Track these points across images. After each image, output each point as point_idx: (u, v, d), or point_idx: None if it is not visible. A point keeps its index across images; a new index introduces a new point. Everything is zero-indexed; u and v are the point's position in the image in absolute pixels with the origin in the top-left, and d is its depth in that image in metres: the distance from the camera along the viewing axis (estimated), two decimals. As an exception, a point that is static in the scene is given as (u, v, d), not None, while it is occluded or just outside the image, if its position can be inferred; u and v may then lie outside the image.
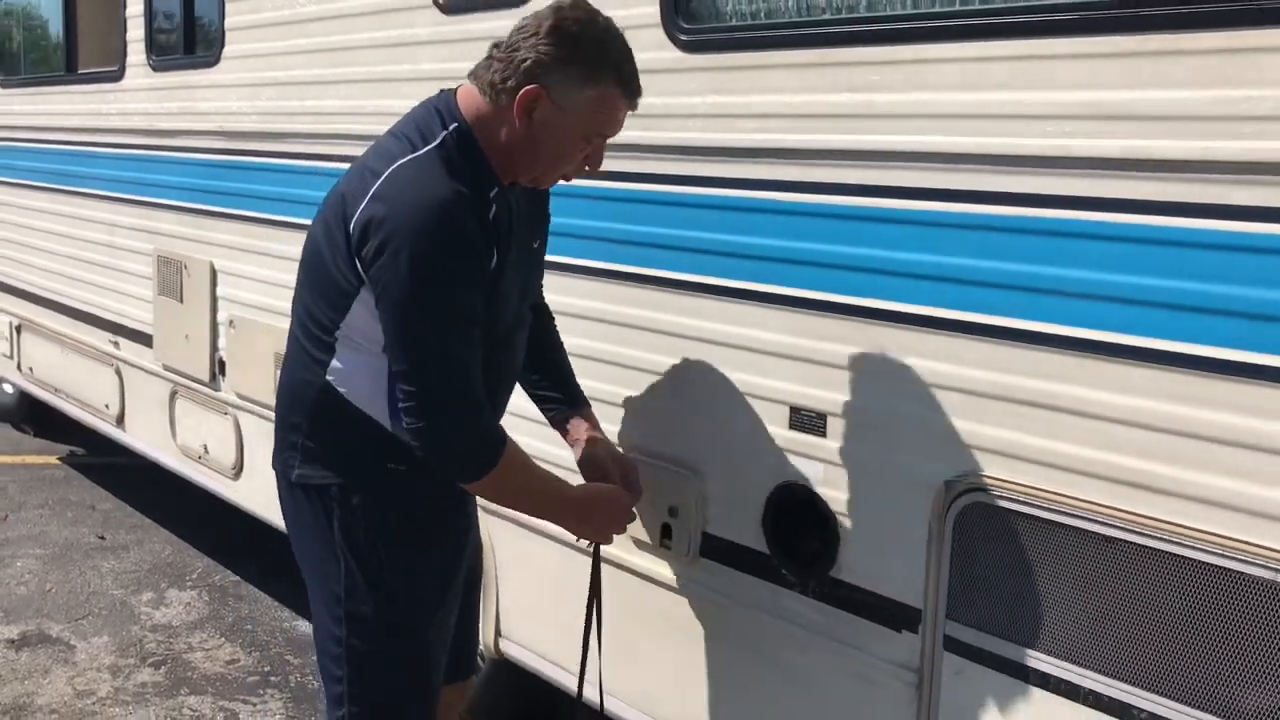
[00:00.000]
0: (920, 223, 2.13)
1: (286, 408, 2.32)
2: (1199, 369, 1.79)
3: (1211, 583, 1.80)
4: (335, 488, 2.24)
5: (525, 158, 2.14)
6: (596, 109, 2.10)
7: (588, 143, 2.15)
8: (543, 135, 2.10)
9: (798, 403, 2.36)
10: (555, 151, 2.14)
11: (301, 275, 2.28)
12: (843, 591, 2.33)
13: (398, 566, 2.27)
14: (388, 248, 2.00)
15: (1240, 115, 1.71)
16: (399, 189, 2.03)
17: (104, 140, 5.10)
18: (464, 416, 2.11)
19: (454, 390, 2.08)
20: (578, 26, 2.07)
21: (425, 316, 2.03)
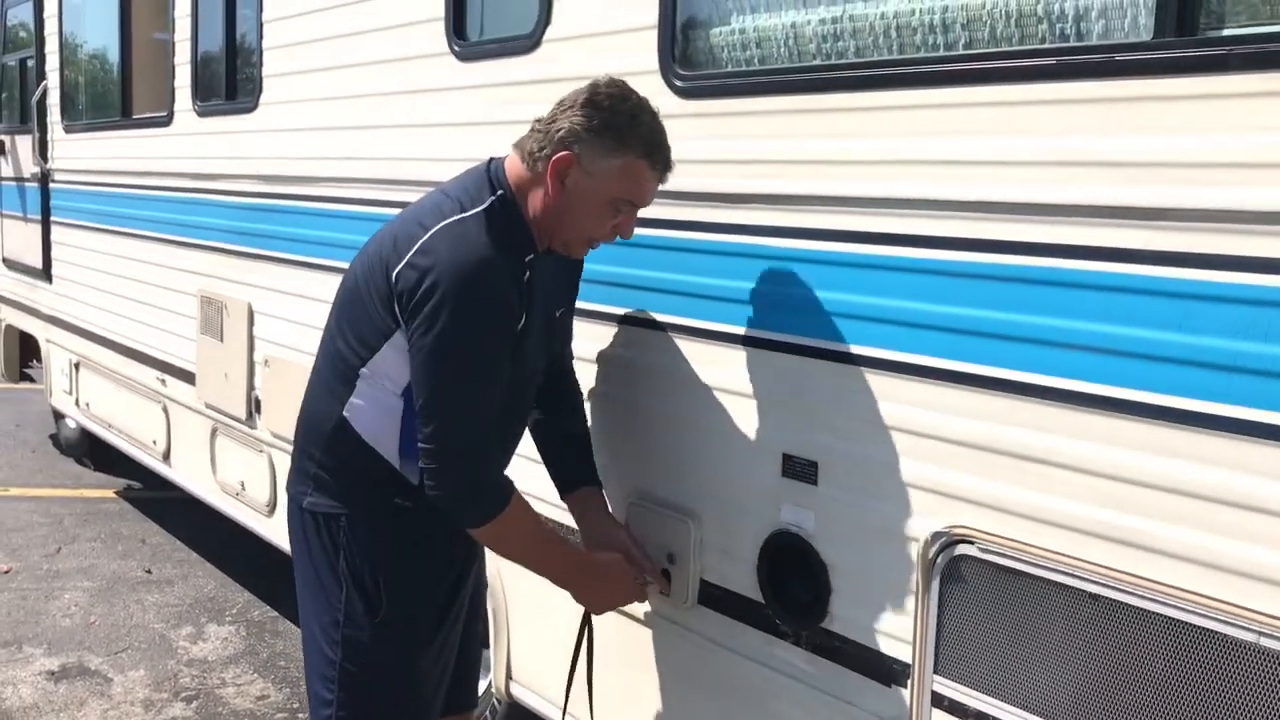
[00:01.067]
0: (914, 270, 2.10)
1: (304, 437, 2.44)
2: (1191, 424, 1.73)
3: (1200, 645, 1.74)
4: (344, 518, 2.35)
5: (557, 223, 2.27)
6: (623, 177, 2.21)
7: (616, 211, 2.25)
8: (573, 201, 2.22)
9: (790, 450, 2.34)
10: (584, 217, 2.25)
11: (335, 311, 2.40)
12: (834, 643, 2.29)
13: (397, 596, 2.36)
14: (431, 299, 2.13)
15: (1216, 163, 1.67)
16: (446, 245, 2.17)
17: (154, 183, 5.25)
18: (476, 465, 2.24)
19: (470, 440, 2.21)
20: (609, 100, 2.21)
21: (456, 369, 2.17)
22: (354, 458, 2.34)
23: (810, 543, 2.31)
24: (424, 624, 2.42)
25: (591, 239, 2.32)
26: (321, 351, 2.43)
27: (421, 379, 2.19)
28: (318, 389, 2.42)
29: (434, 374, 2.17)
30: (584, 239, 2.31)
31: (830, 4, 2.26)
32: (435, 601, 2.44)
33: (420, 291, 2.14)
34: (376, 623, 2.35)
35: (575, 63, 2.77)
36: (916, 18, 2.10)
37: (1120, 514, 1.83)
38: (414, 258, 2.17)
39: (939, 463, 2.07)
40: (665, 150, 2.25)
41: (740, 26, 2.44)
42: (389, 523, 2.36)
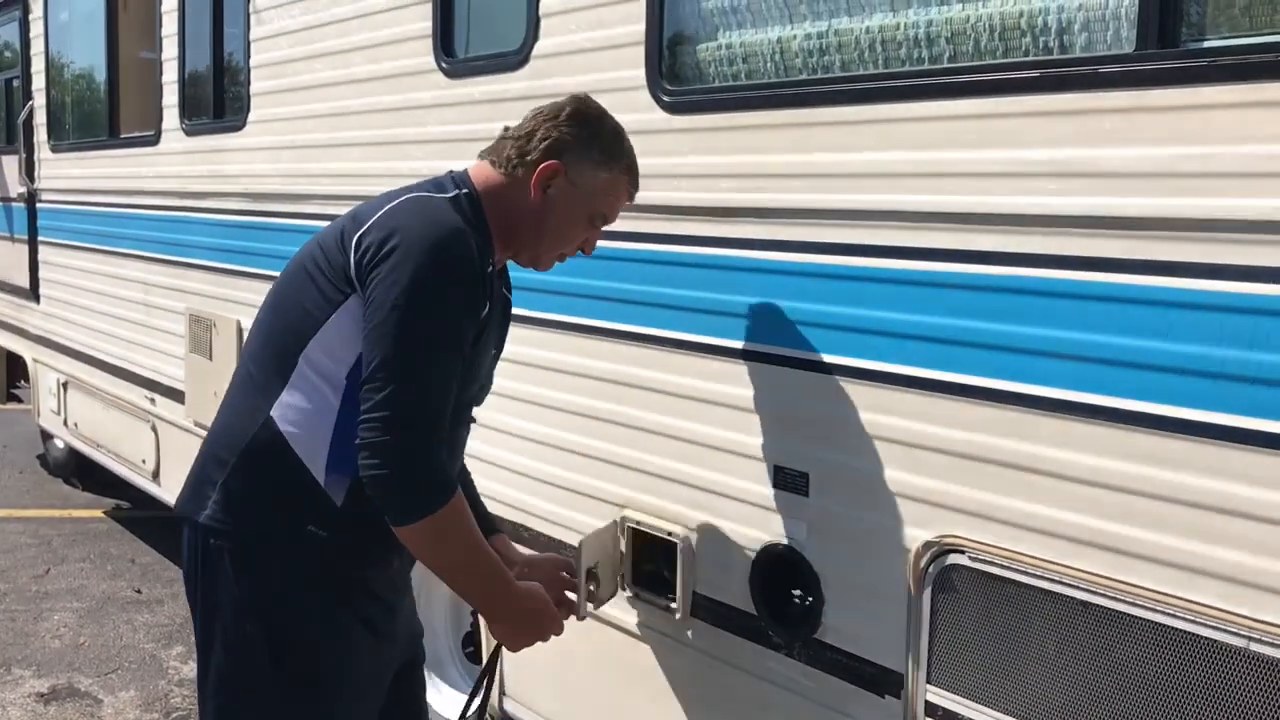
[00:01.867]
0: (899, 281, 2.12)
1: (216, 443, 2.12)
2: (1181, 432, 1.76)
3: (1189, 651, 1.75)
4: (247, 539, 2.04)
5: (531, 231, 2.18)
6: (606, 192, 2.20)
7: (591, 225, 2.23)
8: (553, 210, 2.16)
9: (781, 461, 2.35)
10: (561, 228, 2.19)
11: (269, 305, 2.16)
12: (827, 654, 2.29)
13: (304, 645, 2.06)
14: (396, 252, 1.94)
15: (1199, 173, 1.69)
16: (414, 211, 2.02)
17: (142, 202, 5.25)
18: (426, 443, 1.93)
19: (424, 412, 1.93)
20: (598, 115, 2.20)
21: (418, 329, 1.92)
22: (271, 468, 2.03)
23: (802, 554, 2.32)
24: (336, 685, 2.09)
25: (562, 253, 2.25)
26: (247, 353, 2.16)
27: (378, 336, 1.91)
28: (242, 388, 2.13)
29: (393, 330, 1.90)
30: (555, 251, 2.24)
31: (816, 19, 2.28)
32: (351, 658, 2.11)
33: (385, 247, 1.94)
34: (282, 675, 2.04)
35: (563, 79, 2.78)
36: (902, 32, 2.12)
37: (1109, 522, 1.84)
38: (379, 219, 2.00)
39: (929, 473, 2.09)
40: (638, 170, 2.26)
41: (727, 42, 2.46)
42: (298, 552, 2.05)
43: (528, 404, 2.91)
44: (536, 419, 2.91)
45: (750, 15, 2.41)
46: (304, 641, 2.06)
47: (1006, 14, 1.96)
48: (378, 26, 3.48)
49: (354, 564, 2.11)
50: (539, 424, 2.91)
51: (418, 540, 1.98)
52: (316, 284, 2.04)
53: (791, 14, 2.33)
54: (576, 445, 2.77)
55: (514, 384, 2.88)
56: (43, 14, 6.31)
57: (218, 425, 2.16)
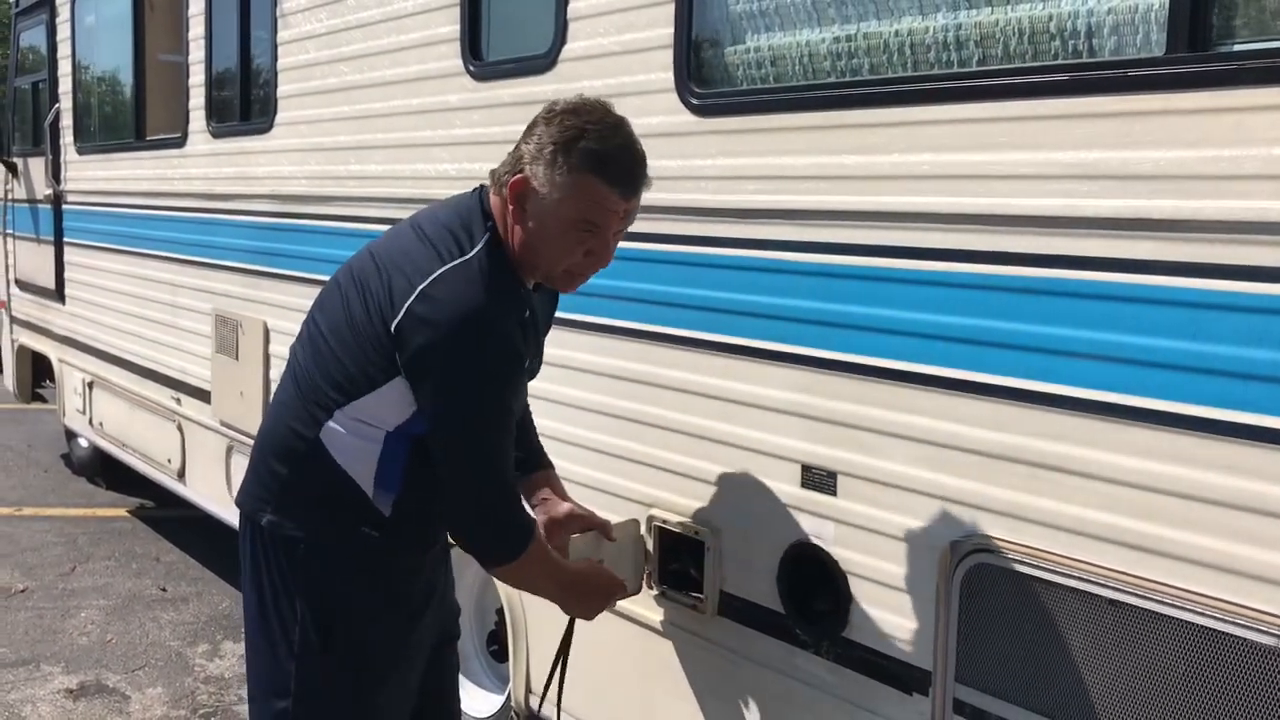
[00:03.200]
0: (927, 283, 2.14)
1: (269, 452, 2.27)
2: (1207, 431, 1.77)
3: (1219, 649, 1.76)
4: (304, 543, 2.21)
5: (529, 253, 2.14)
6: (577, 197, 2.06)
7: (580, 234, 2.09)
8: (535, 226, 2.10)
9: (809, 461, 2.37)
10: (549, 244, 2.11)
11: (321, 333, 2.22)
12: (855, 652, 2.31)
13: (354, 629, 2.24)
14: (442, 362, 2.04)
15: (1229, 175, 1.70)
16: (449, 298, 2.05)
17: (168, 204, 5.30)
18: (505, 510, 2.18)
19: (498, 489, 2.16)
20: (559, 118, 2.08)
21: (482, 423, 2.10)
22: (323, 480, 2.20)
23: (830, 553, 2.33)
24: (382, 660, 2.30)
25: (568, 270, 2.16)
26: (300, 367, 2.25)
27: (443, 439, 2.12)
28: (291, 405, 2.24)
29: (457, 435, 2.11)
30: (559, 269, 2.15)
31: (844, 22, 2.30)
32: (394, 638, 2.31)
33: (429, 352, 2.05)
34: (332, 657, 2.22)
35: (591, 81, 2.81)
36: (930, 35, 2.14)
37: (1137, 520, 1.86)
38: (415, 309, 2.05)
39: (957, 472, 2.10)
40: (619, 165, 2.07)
41: (755, 45, 2.49)
42: (353, 551, 2.23)
43: (556, 404, 2.94)
44: (564, 419, 2.94)
45: (778, 19, 2.44)
46: (351, 624, 2.23)
47: (1036, 18, 1.98)
48: (405, 30, 3.51)
49: (402, 554, 2.30)
50: (567, 424, 2.93)
51: (507, 576, 2.28)
52: (357, 350, 2.13)
53: (820, 17, 2.35)
54: (604, 445, 2.79)
55: (542, 384, 2.90)
56: (69, 18, 6.38)
57: (271, 432, 2.28)
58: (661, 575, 2.70)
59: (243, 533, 2.31)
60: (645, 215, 2.65)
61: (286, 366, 2.31)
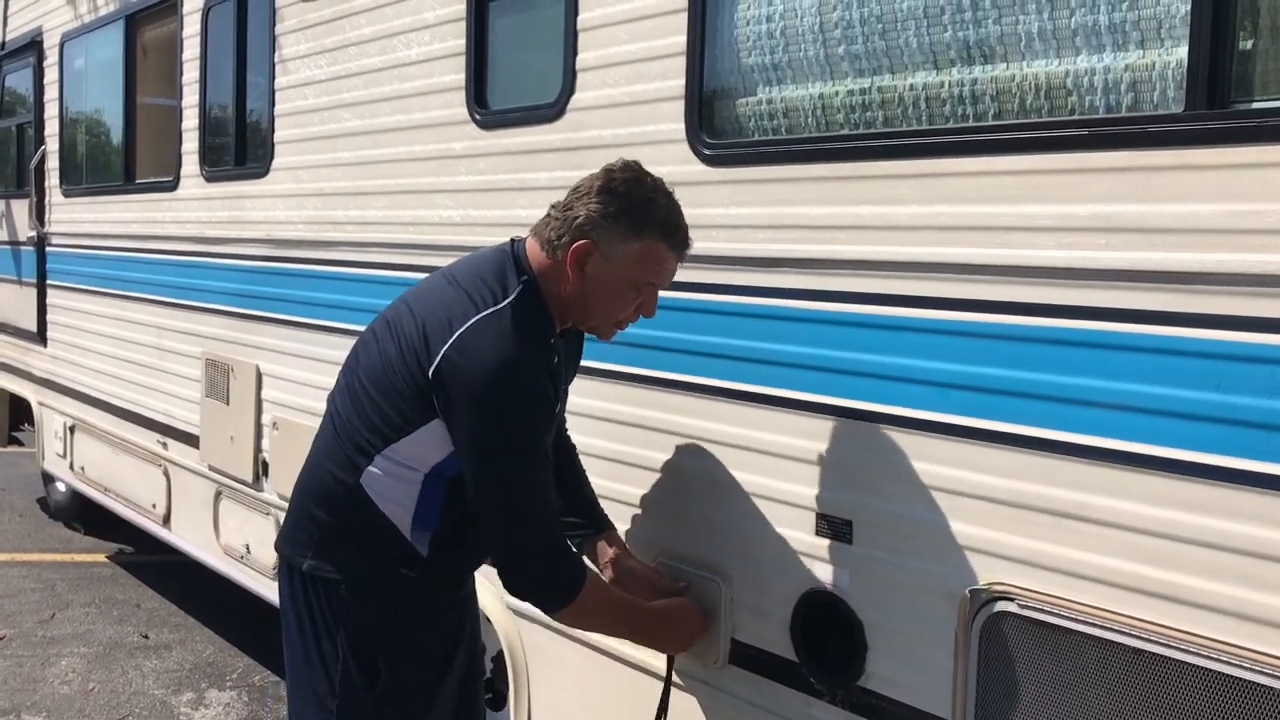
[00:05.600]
0: (944, 332, 2.16)
1: (309, 496, 2.38)
2: (1228, 480, 1.79)
3: (1244, 698, 1.77)
4: (345, 585, 2.31)
5: (580, 309, 2.30)
6: (642, 260, 2.24)
7: (638, 292, 2.29)
8: (594, 287, 2.26)
9: (823, 509, 2.37)
10: (606, 302, 2.29)
11: (360, 381, 2.32)
12: (871, 701, 2.31)
13: (396, 666, 2.34)
14: (479, 409, 2.16)
15: (1248, 229, 1.74)
16: (484, 346, 2.16)
17: (158, 247, 5.28)
18: (552, 552, 2.27)
19: (543, 531, 2.26)
20: (624, 186, 2.23)
21: (515, 473, 2.19)
22: (362, 523, 2.31)
23: (846, 601, 2.34)
24: (423, 694, 2.39)
25: (618, 321, 2.35)
26: (334, 415, 2.37)
27: (483, 486, 2.21)
28: (330, 452, 2.35)
29: (496, 481, 2.20)
30: (610, 323, 2.35)
31: (858, 76, 2.34)
32: (433, 670, 2.41)
33: (466, 398, 2.15)
34: (374, 694, 2.32)
35: (600, 130, 2.84)
36: (946, 90, 2.18)
37: (1159, 569, 1.87)
38: (451, 355, 2.15)
39: (977, 520, 2.12)
40: (683, 230, 2.29)
41: (767, 97, 2.52)
42: (391, 591, 2.34)
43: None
44: (571, 465, 2.93)
45: (791, 71, 2.47)
46: (392, 662, 2.32)
47: (1053, 74, 2.02)
48: (409, 78, 3.53)
49: (436, 592, 2.40)
50: (574, 470, 2.93)
51: (572, 619, 2.37)
52: (397, 396, 2.24)
53: (833, 70, 2.38)
54: (614, 492, 2.79)
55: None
56: (58, 60, 6.37)
57: (311, 477, 2.41)
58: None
59: (282, 579, 2.43)
60: (657, 263, 2.68)
61: (325, 416, 2.42)
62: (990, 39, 2.11)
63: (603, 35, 2.84)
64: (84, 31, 6.06)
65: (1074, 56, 1.99)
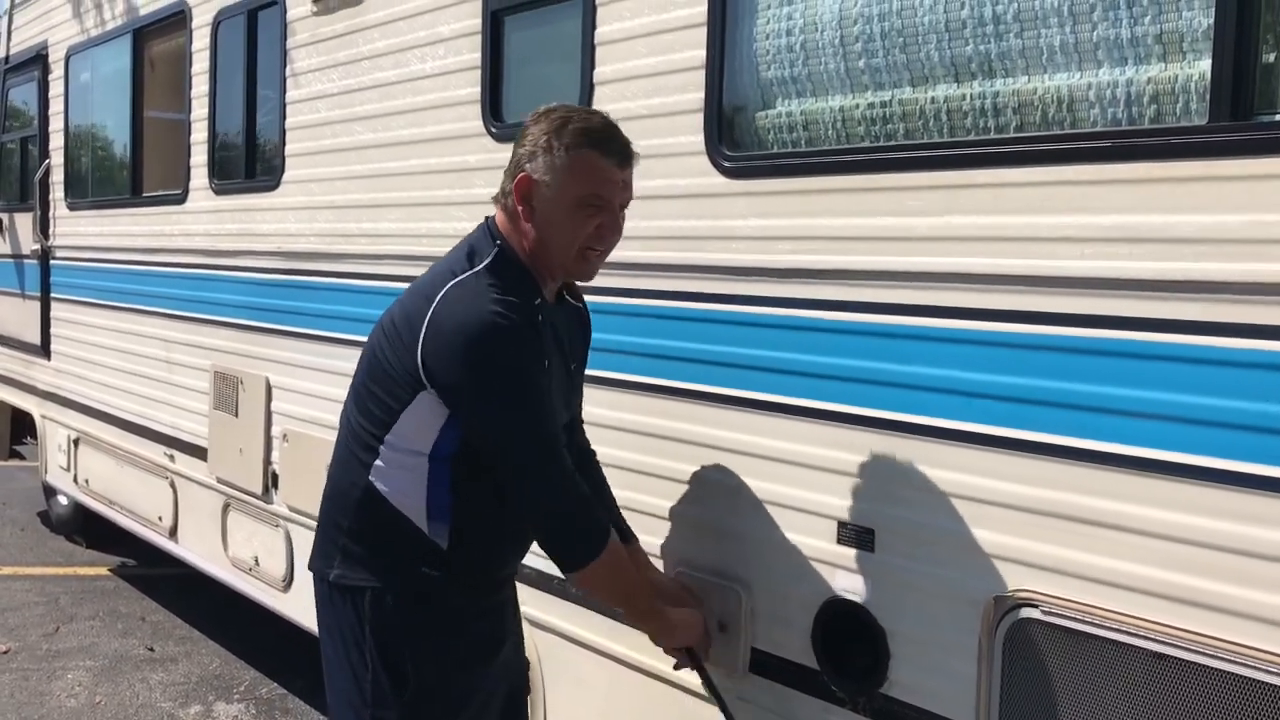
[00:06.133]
0: (968, 341, 2.18)
1: (332, 507, 2.41)
2: (1253, 487, 1.81)
3: (1267, 702, 1.79)
4: (370, 591, 2.30)
5: (544, 252, 2.28)
6: (577, 173, 2.22)
7: (589, 211, 2.25)
8: (545, 219, 2.24)
9: (844, 518, 2.39)
10: (561, 229, 2.25)
11: (357, 381, 2.39)
12: (893, 708, 2.32)
13: (426, 673, 2.31)
14: (461, 365, 2.16)
15: (1271, 239, 1.76)
16: (458, 307, 2.19)
17: (165, 260, 5.29)
18: (575, 512, 2.24)
19: (559, 487, 2.22)
20: (542, 115, 2.28)
21: (520, 423, 2.19)
22: (381, 524, 2.31)
23: (868, 609, 2.35)
24: (455, 703, 2.36)
25: (582, 249, 2.28)
26: (344, 421, 2.42)
27: (494, 441, 2.21)
28: (344, 458, 2.39)
29: (504, 431, 2.20)
30: (573, 252, 2.28)
31: (879, 89, 2.37)
32: (466, 680, 2.37)
33: (454, 359, 2.16)
34: (405, 701, 2.30)
35: (618, 143, 2.85)
36: (967, 102, 2.21)
37: (1182, 574, 1.89)
38: (432, 321, 2.18)
39: (1000, 528, 2.14)
40: (617, 140, 2.27)
41: (787, 109, 2.55)
42: (418, 596, 2.31)
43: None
44: (588, 475, 2.95)
45: (810, 85, 2.50)
46: (422, 669, 2.30)
47: (1076, 86, 2.05)
48: (423, 91, 3.56)
49: (465, 596, 2.36)
50: (591, 480, 2.94)
51: (591, 579, 2.29)
52: (390, 382, 2.26)
53: (854, 83, 2.41)
54: (633, 502, 2.80)
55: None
56: (63, 74, 6.39)
57: (330, 489, 2.43)
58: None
59: (316, 594, 2.44)
60: (678, 274, 2.71)
61: (342, 418, 2.43)
62: (1012, 52, 2.14)
63: (621, 49, 2.87)
64: (90, 45, 6.08)
65: (1096, 69, 2.02)
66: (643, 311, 2.81)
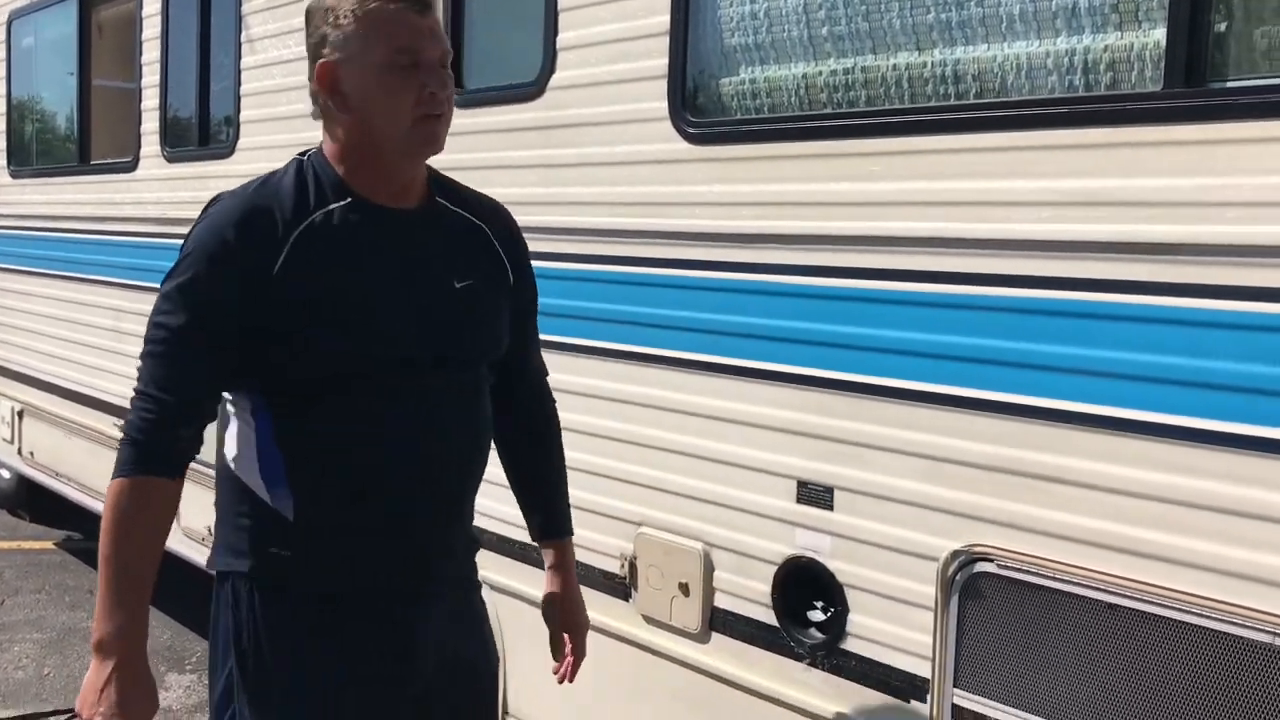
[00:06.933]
0: (924, 304, 2.23)
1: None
2: (1200, 441, 1.88)
3: (1215, 648, 1.87)
4: (232, 575, 1.96)
5: (370, 138, 1.91)
6: (372, 34, 1.86)
7: (403, 72, 1.87)
8: (360, 99, 1.89)
9: (805, 477, 2.44)
10: (380, 103, 1.88)
11: None
12: (851, 663, 2.38)
13: (281, 682, 1.92)
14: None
15: (1222, 202, 1.83)
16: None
17: (115, 229, 5.22)
18: (149, 404, 1.85)
19: (152, 374, 1.86)
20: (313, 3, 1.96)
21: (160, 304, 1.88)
22: (235, 501, 1.98)
23: (826, 566, 2.41)
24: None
25: (416, 120, 1.88)
26: None
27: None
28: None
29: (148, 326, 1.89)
30: (406, 124, 1.88)
31: (841, 56, 2.41)
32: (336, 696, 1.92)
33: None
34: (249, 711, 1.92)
35: (581, 109, 2.88)
36: (929, 69, 2.26)
37: (1134, 527, 1.96)
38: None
39: (955, 485, 2.20)
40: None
41: (750, 76, 2.58)
42: (269, 577, 1.93)
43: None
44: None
45: (774, 52, 2.53)
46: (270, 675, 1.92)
47: (1034, 54, 2.10)
48: (382, 57, 3.54)
49: (328, 583, 1.93)
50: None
51: (108, 495, 1.89)
52: None
53: (817, 50, 2.45)
54: (595, 466, 2.83)
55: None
56: (5, 39, 6.26)
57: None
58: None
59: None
60: (639, 239, 2.74)
61: None
62: (972, 20, 2.19)
63: (585, 15, 2.88)
64: (34, 10, 5.96)
65: (1055, 37, 2.07)
66: (607, 277, 2.83)
